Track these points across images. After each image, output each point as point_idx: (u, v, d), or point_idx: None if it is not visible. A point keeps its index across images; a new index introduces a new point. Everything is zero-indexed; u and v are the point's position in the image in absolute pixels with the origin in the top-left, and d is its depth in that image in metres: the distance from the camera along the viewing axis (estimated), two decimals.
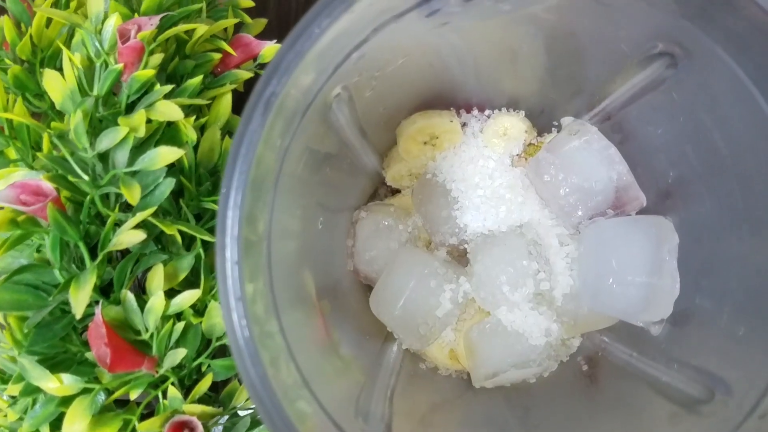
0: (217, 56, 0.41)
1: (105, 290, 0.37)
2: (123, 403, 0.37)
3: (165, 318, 0.35)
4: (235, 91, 0.42)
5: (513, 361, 0.42)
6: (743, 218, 0.35)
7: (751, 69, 0.28)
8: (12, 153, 0.37)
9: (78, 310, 0.31)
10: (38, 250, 0.36)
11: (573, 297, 0.42)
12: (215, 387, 0.39)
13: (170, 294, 0.36)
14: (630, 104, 0.38)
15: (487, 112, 0.46)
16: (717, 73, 0.30)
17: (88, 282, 0.32)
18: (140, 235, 0.33)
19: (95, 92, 0.35)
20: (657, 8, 0.29)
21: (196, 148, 0.38)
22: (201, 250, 0.37)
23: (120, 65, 0.35)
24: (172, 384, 0.36)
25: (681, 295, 0.38)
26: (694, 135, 0.35)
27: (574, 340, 0.44)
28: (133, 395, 0.36)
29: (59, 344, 0.35)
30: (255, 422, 0.39)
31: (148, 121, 0.35)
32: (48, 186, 0.33)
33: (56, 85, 0.35)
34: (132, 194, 0.32)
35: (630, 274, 0.38)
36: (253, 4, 0.45)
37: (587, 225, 0.42)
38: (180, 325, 0.36)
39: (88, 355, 0.35)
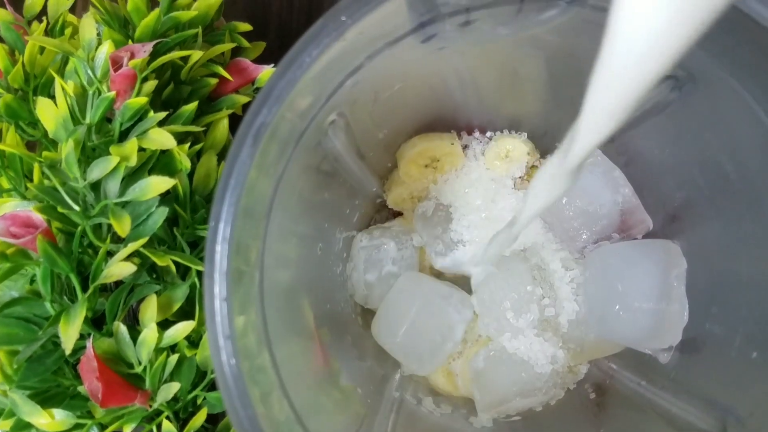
0: (214, 81, 0.40)
1: (98, 321, 0.36)
2: None
3: (158, 350, 0.34)
4: (233, 115, 0.41)
5: (518, 390, 0.41)
6: (753, 243, 0.33)
7: (757, 92, 0.27)
8: (5, 182, 0.36)
9: (68, 345, 0.30)
10: (32, 281, 0.36)
11: (579, 323, 0.41)
12: (212, 419, 0.38)
13: (165, 325, 0.35)
14: (634, 127, 0.37)
15: (488, 134, 0.46)
16: (723, 95, 0.29)
17: (78, 316, 0.31)
18: (131, 268, 0.32)
19: (88, 120, 0.35)
20: None
21: (191, 174, 0.38)
22: (196, 279, 0.36)
23: (112, 93, 0.34)
24: (167, 418, 0.35)
25: (690, 322, 0.37)
26: (700, 157, 0.34)
27: (580, 367, 0.43)
28: (127, 429, 0.35)
29: (51, 378, 0.34)
30: None
31: (142, 149, 0.34)
32: (38, 217, 0.32)
33: (49, 114, 0.35)
34: (121, 226, 0.31)
35: (637, 300, 0.37)
36: (251, 28, 0.44)
37: (592, 249, 0.41)
38: (174, 358, 0.35)
39: (81, 388, 0.34)
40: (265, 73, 0.42)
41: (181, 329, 0.34)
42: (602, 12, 0.29)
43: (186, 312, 0.37)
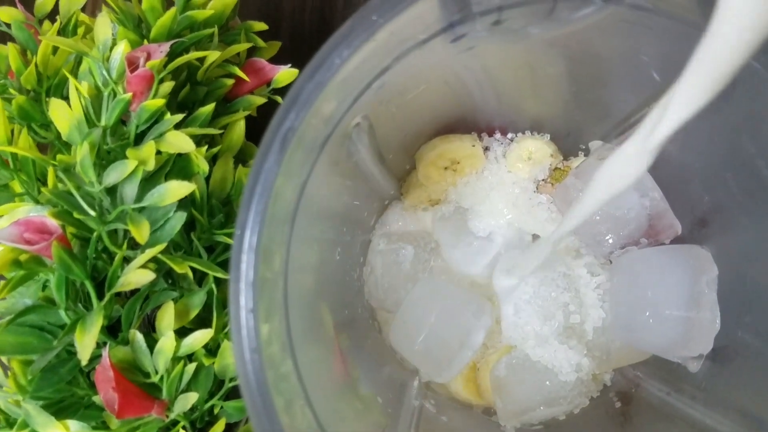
0: (230, 82, 0.39)
1: (113, 328, 0.35)
2: None
3: (176, 359, 0.33)
4: (248, 117, 0.40)
5: (542, 398, 0.40)
6: None
7: None
8: (17, 186, 0.35)
9: (84, 355, 0.29)
10: (44, 287, 0.35)
11: (605, 330, 0.40)
12: (228, 428, 0.37)
13: (182, 332, 0.34)
14: None
15: (510, 135, 0.45)
16: (763, 97, 0.28)
17: (95, 325, 0.30)
18: (149, 275, 0.31)
19: (103, 123, 0.34)
20: (700, 31, 0.27)
21: (208, 178, 0.37)
22: (213, 286, 0.35)
23: (128, 95, 0.33)
24: (183, 428, 0.34)
25: (722, 331, 0.36)
26: (734, 161, 0.33)
27: (605, 375, 0.42)
28: None
29: (65, 388, 0.33)
30: None
31: (159, 152, 0.33)
32: (53, 223, 0.31)
33: (62, 115, 0.34)
34: (140, 232, 0.30)
35: (667, 308, 0.36)
36: (266, 27, 0.43)
37: (619, 255, 0.40)
38: (191, 367, 0.34)
39: (96, 398, 0.33)
40: (282, 73, 0.41)
41: (199, 338, 0.33)
42: (640, 10, 0.28)
43: (203, 319, 0.36)
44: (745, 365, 0.34)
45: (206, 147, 0.36)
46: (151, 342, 0.33)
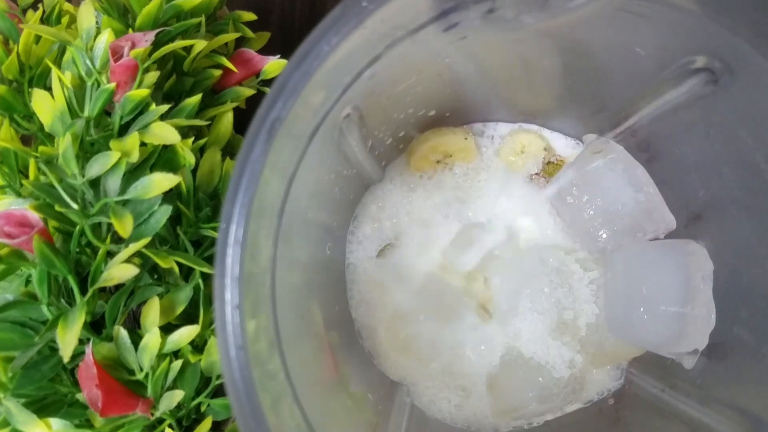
0: (217, 73, 0.39)
1: (97, 325, 0.34)
2: None
3: (161, 356, 0.33)
4: (236, 109, 0.40)
5: (535, 395, 0.39)
6: None
7: None
8: None
9: (66, 352, 0.29)
10: (27, 281, 0.34)
11: (598, 326, 0.39)
12: (215, 426, 0.36)
13: (168, 329, 0.33)
14: (660, 122, 0.35)
15: (503, 128, 0.44)
16: (762, 88, 0.28)
17: (77, 321, 0.29)
18: (132, 270, 0.30)
19: (86, 113, 0.33)
20: (699, 20, 0.26)
21: (194, 170, 0.36)
22: (200, 281, 0.35)
23: (112, 85, 0.32)
24: (170, 426, 0.34)
25: (717, 326, 0.35)
26: (732, 155, 0.32)
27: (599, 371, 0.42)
28: None
29: (48, 385, 0.32)
30: None
31: (143, 144, 0.32)
32: (34, 216, 0.30)
33: (45, 106, 0.33)
34: (123, 226, 0.30)
35: (662, 303, 0.36)
36: (255, 17, 0.42)
37: (613, 250, 0.39)
38: (177, 364, 0.33)
39: (79, 396, 0.33)
40: (271, 64, 0.40)
41: (185, 334, 0.33)
42: None
43: (189, 315, 0.35)
44: (740, 361, 0.34)
45: (193, 139, 0.35)
46: (136, 338, 0.33)
